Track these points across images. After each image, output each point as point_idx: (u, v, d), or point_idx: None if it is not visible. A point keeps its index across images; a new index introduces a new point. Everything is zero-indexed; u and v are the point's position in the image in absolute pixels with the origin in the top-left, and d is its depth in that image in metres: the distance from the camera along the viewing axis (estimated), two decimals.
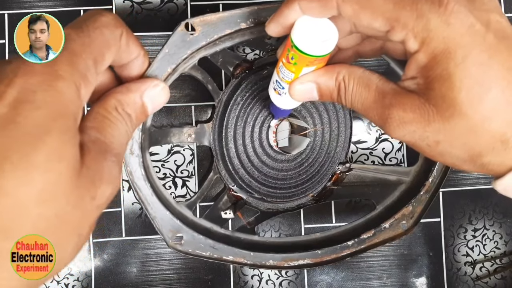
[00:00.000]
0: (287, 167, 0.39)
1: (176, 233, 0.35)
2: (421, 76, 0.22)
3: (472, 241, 0.47)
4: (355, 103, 0.25)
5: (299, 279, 0.45)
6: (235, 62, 0.37)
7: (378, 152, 0.47)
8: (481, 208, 0.47)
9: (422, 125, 0.22)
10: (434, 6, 0.21)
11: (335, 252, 0.37)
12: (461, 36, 0.21)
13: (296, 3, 0.24)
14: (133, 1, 0.46)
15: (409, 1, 0.21)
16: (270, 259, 0.37)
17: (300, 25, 0.24)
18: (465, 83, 0.21)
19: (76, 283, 0.45)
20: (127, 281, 0.45)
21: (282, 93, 0.28)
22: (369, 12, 0.22)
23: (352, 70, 0.25)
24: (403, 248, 0.46)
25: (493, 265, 0.47)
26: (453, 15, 0.21)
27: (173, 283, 0.45)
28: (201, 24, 0.32)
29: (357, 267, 0.46)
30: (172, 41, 0.32)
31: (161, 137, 0.38)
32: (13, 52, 0.44)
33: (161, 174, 0.46)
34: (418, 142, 0.23)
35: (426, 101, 0.22)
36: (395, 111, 0.23)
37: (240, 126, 0.38)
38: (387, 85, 0.24)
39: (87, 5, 0.45)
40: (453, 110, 0.21)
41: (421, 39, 0.21)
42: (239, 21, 0.32)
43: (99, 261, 0.45)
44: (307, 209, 0.44)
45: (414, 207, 0.37)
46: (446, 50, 0.21)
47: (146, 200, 0.34)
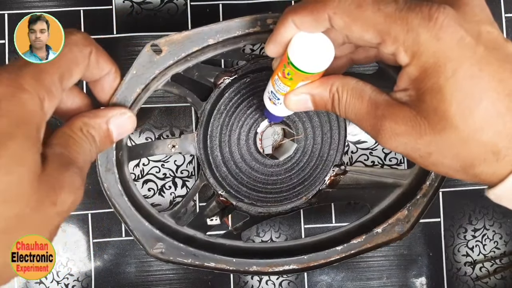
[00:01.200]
0: (277, 172, 0.39)
1: (156, 242, 0.35)
2: (412, 88, 0.23)
3: (472, 241, 0.47)
4: (349, 113, 0.25)
5: (299, 279, 0.46)
6: (214, 74, 0.38)
7: (378, 152, 0.47)
8: (481, 208, 0.47)
9: (413, 138, 0.22)
10: (424, 21, 0.21)
11: (323, 258, 0.37)
12: (451, 50, 0.21)
13: (290, 19, 0.24)
14: (133, 1, 0.46)
15: (400, 15, 0.21)
16: (254, 264, 0.37)
17: (296, 42, 0.25)
18: (456, 96, 0.21)
19: (76, 283, 0.45)
20: (127, 281, 0.45)
21: (277, 103, 0.29)
22: (360, 25, 0.22)
23: (346, 81, 0.25)
24: (403, 248, 0.46)
25: (493, 265, 0.47)
26: (443, 29, 0.21)
27: (173, 283, 0.45)
28: (167, 44, 0.32)
29: (357, 267, 0.46)
30: (138, 62, 0.32)
31: (143, 150, 0.38)
32: (13, 52, 0.44)
33: (161, 174, 0.46)
34: (410, 153, 0.24)
35: (418, 113, 0.22)
36: (388, 123, 0.23)
37: (226, 134, 0.38)
38: (380, 97, 0.24)
39: (87, 5, 0.45)
40: (444, 122, 0.21)
41: (411, 53, 0.21)
42: (206, 37, 0.33)
43: (99, 261, 0.45)
44: (307, 210, 0.44)
45: (410, 211, 0.37)
46: (436, 64, 0.21)
47: (124, 213, 0.35)
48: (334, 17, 0.23)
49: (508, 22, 0.47)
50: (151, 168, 0.46)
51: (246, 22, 0.33)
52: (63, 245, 0.45)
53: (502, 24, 0.47)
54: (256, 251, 0.39)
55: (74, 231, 0.45)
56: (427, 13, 0.21)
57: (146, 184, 0.46)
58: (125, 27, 0.46)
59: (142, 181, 0.46)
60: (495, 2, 0.47)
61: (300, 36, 0.25)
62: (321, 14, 0.23)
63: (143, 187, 0.46)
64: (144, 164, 0.46)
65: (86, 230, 0.45)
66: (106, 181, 0.34)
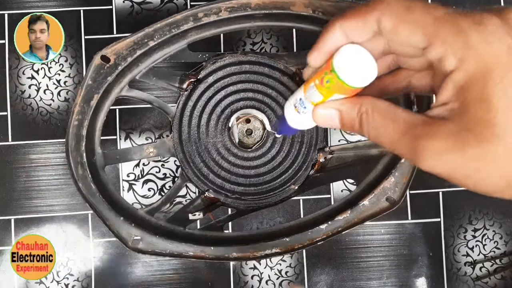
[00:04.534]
0: (258, 163, 0.39)
1: (134, 236, 0.37)
2: (456, 99, 0.21)
3: (472, 241, 0.47)
4: (381, 136, 0.24)
5: (299, 279, 0.46)
6: (176, 78, 0.38)
7: None
8: (481, 208, 0.47)
9: (458, 154, 0.21)
10: (474, 24, 0.21)
11: (308, 239, 0.36)
12: (500, 55, 0.20)
13: (337, 25, 0.24)
14: (133, 1, 0.46)
15: (450, 17, 0.21)
16: (234, 251, 0.37)
17: (344, 53, 0.25)
18: (504, 103, 0.20)
19: (76, 283, 0.45)
20: (127, 281, 0.45)
21: (302, 112, 0.29)
22: (409, 26, 0.22)
23: (377, 103, 0.24)
24: (403, 248, 0.46)
25: (493, 265, 0.47)
26: (492, 35, 0.20)
27: (173, 283, 0.45)
28: (114, 53, 0.36)
29: (357, 267, 0.46)
30: (90, 73, 0.36)
31: (119, 156, 0.39)
32: (13, 52, 0.44)
33: (161, 174, 0.46)
34: (455, 173, 0.22)
35: (462, 127, 0.21)
36: (429, 142, 0.21)
37: (201, 134, 0.39)
38: (415, 117, 0.23)
39: (87, 5, 0.45)
40: (491, 133, 0.20)
41: (460, 56, 0.21)
42: (146, 40, 0.36)
43: (99, 261, 0.45)
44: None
45: (396, 178, 0.36)
46: (485, 68, 0.20)
47: (100, 210, 0.37)
48: (382, 18, 0.22)
49: None
50: (151, 168, 0.46)
51: (177, 19, 0.36)
52: (63, 245, 0.45)
53: None
54: (240, 239, 0.39)
55: (74, 231, 0.45)
56: (478, 18, 0.21)
57: (146, 184, 0.46)
58: (125, 27, 0.46)
59: (142, 181, 0.46)
60: (495, 2, 0.47)
61: (348, 48, 0.25)
62: (370, 16, 0.23)
63: (143, 187, 0.46)
64: (144, 164, 0.46)
65: (86, 230, 0.45)
66: (82, 182, 0.36)
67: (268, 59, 0.39)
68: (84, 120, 0.36)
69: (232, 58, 0.39)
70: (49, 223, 0.45)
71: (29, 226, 0.45)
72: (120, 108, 0.46)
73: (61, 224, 0.45)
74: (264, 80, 0.39)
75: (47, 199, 0.45)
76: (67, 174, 0.45)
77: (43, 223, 0.45)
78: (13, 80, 0.45)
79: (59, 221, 0.45)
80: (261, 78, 0.39)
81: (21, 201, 0.45)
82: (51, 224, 0.45)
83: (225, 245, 0.37)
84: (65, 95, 0.45)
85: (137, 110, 0.46)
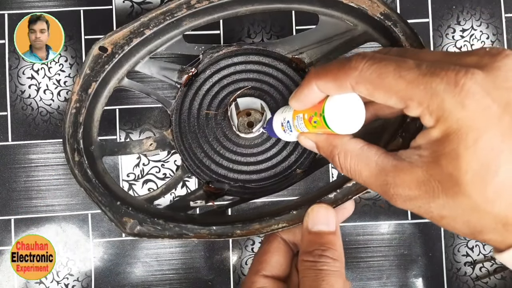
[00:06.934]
0: (261, 150, 0.39)
1: (131, 221, 0.36)
2: (429, 148, 0.22)
3: (472, 241, 0.47)
4: (356, 177, 0.26)
5: None
6: (174, 72, 0.39)
7: None
8: None
9: (427, 201, 0.23)
10: (449, 86, 0.21)
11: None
12: (475, 119, 0.20)
13: (314, 84, 0.25)
14: (133, 1, 0.46)
15: (423, 80, 0.21)
16: (237, 229, 0.36)
17: (336, 104, 0.25)
18: (472, 166, 0.21)
19: (76, 283, 0.45)
20: (127, 281, 0.45)
21: (287, 132, 0.30)
22: (383, 92, 0.23)
23: (349, 148, 0.26)
24: (403, 248, 0.46)
25: (493, 265, 0.47)
26: (469, 96, 0.20)
27: (173, 283, 0.45)
28: (111, 43, 0.36)
29: (357, 267, 0.46)
30: (88, 63, 0.36)
31: (117, 148, 0.39)
32: (13, 52, 0.44)
33: (161, 174, 0.46)
34: (423, 215, 0.24)
35: (431, 176, 0.22)
36: (400, 190, 0.23)
37: (201, 127, 0.39)
38: (387, 162, 0.24)
39: (87, 5, 0.45)
40: (458, 189, 0.21)
41: (436, 117, 0.21)
42: (142, 29, 0.36)
43: (99, 261, 0.45)
44: None
45: (404, 139, 0.33)
46: (459, 131, 0.21)
47: (97, 198, 0.36)
48: (356, 86, 0.23)
49: (508, 22, 0.47)
50: (151, 168, 0.46)
51: (171, 8, 0.36)
52: (63, 245, 0.45)
53: (502, 24, 0.47)
54: (243, 219, 0.38)
55: (74, 231, 0.45)
56: (453, 78, 0.21)
57: (146, 184, 0.46)
58: None
59: (142, 181, 0.46)
60: (495, 2, 0.47)
61: (337, 99, 0.25)
62: (344, 82, 0.24)
63: (143, 187, 0.46)
64: (144, 164, 0.46)
65: (86, 230, 0.45)
66: (76, 167, 0.36)
67: (262, 48, 0.39)
68: (82, 108, 0.36)
69: (228, 49, 0.39)
70: (49, 223, 0.45)
71: (29, 226, 0.45)
72: (120, 108, 0.46)
73: (61, 224, 0.45)
74: (262, 69, 0.39)
75: (47, 199, 0.45)
76: (67, 174, 0.45)
77: (43, 223, 0.45)
78: (13, 80, 0.45)
79: (59, 221, 0.45)
80: (259, 67, 0.39)
81: (21, 201, 0.45)
82: (51, 224, 0.45)
83: (228, 224, 0.36)
84: (65, 95, 0.45)
85: (137, 110, 0.46)
